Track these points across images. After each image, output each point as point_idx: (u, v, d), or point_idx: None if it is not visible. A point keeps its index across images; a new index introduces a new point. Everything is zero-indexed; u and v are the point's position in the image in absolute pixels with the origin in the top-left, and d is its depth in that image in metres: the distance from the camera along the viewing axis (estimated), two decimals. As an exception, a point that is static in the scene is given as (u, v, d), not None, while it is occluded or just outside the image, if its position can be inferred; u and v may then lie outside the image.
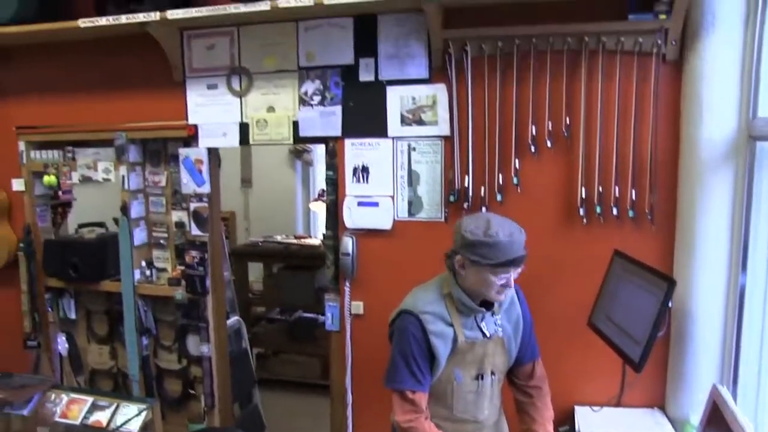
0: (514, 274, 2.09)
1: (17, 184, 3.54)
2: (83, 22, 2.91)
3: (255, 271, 5.71)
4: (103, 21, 2.89)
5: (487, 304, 2.19)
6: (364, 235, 2.91)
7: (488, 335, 2.21)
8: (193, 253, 3.20)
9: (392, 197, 2.85)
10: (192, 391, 3.47)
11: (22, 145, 3.48)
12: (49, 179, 3.42)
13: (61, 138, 3.40)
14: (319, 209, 5.54)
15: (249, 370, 3.99)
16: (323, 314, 3.09)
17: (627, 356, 2.20)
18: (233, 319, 3.79)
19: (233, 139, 3.07)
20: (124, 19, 2.85)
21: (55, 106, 3.42)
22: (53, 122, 3.41)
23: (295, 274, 5.06)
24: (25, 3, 3.03)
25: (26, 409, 2.83)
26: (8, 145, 3.51)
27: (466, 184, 2.71)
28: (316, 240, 5.42)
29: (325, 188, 3.02)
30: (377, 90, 2.81)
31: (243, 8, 2.69)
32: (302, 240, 5.43)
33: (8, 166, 3.54)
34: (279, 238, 5.44)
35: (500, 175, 2.68)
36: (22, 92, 3.49)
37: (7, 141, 3.52)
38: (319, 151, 5.94)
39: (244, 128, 3.04)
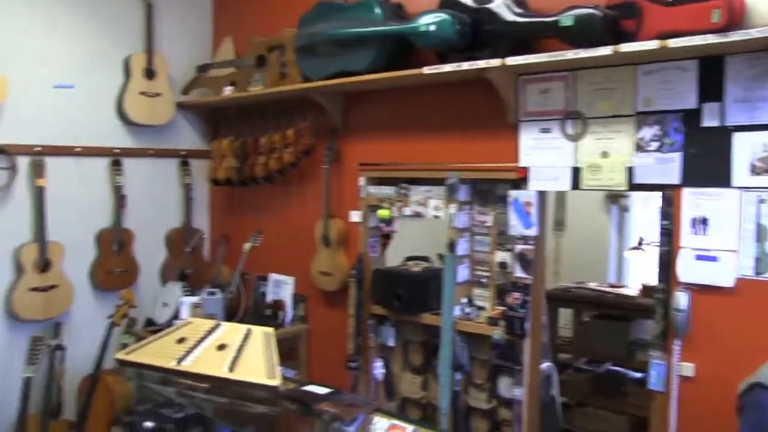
0: None
1: (355, 216, 4.03)
2: (428, 69, 3.26)
3: (563, 317, 5.72)
4: (446, 68, 3.20)
5: None
6: (699, 291, 2.82)
7: None
8: (515, 294, 3.34)
9: (735, 252, 2.73)
10: (499, 433, 3.59)
11: (362, 181, 3.95)
12: (383, 213, 3.83)
13: (397, 175, 3.80)
14: (636, 258, 5.44)
15: (556, 419, 4.02)
16: (635, 370, 3.04)
17: None
18: (546, 365, 3.87)
19: (564, 183, 3.18)
20: (465, 65, 3.13)
21: (394, 145, 3.85)
22: (391, 160, 3.84)
23: (608, 325, 5.00)
24: (379, 55, 3.48)
25: (352, 426, 3.13)
26: (351, 180, 4.03)
27: (827, 243, 2.53)
28: (632, 290, 5.32)
29: (642, 236, 2.99)
30: (722, 136, 2.73)
31: (583, 53, 2.80)
32: (617, 289, 5.36)
33: (349, 199, 4.05)
34: (592, 284, 5.43)
35: None
36: (367, 132, 4.00)
37: (350, 176, 4.04)
38: (635, 197, 5.78)
39: (575, 173, 3.14)
